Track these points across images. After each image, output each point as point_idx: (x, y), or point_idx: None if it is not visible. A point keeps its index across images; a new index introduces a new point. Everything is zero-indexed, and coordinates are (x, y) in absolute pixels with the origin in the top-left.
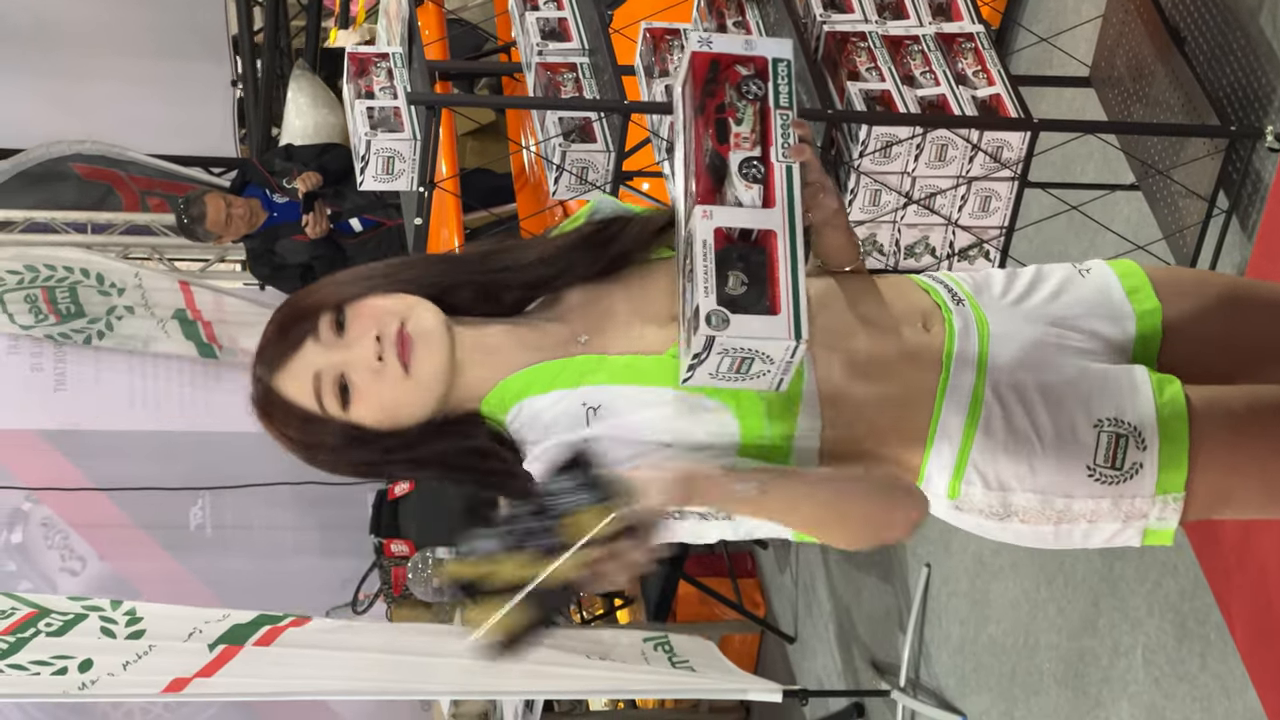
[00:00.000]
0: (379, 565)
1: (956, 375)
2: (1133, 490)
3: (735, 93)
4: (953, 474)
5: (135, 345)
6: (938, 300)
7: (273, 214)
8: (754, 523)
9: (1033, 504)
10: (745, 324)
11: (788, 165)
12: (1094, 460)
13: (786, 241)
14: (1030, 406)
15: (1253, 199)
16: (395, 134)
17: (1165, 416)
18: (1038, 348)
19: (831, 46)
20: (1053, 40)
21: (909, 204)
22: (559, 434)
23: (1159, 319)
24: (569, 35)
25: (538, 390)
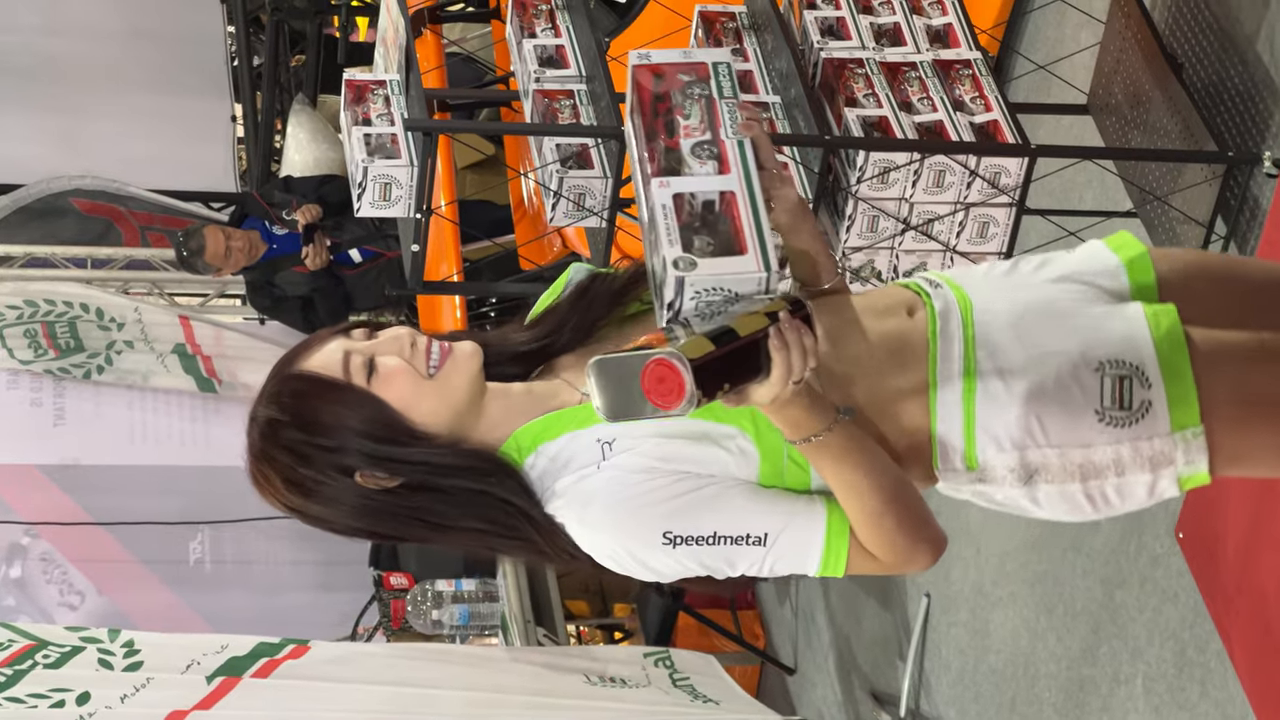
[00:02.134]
0: (378, 598)
1: (944, 347)
2: (1148, 430)
3: (680, 95)
4: (965, 442)
5: (135, 380)
6: (916, 289)
7: (272, 246)
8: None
9: (1051, 459)
10: (713, 264)
11: (739, 140)
12: (1101, 404)
13: (747, 201)
14: (1026, 363)
15: (1250, 225)
16: (392, 160)
17: (1164, 351)
18: (1025, 305)
19: (829, 73)
20: (1051, 68)
21: (907, 230)
22: (576, 469)
23: (1149, 268)
24: (566, 62)
25: (551, 436)
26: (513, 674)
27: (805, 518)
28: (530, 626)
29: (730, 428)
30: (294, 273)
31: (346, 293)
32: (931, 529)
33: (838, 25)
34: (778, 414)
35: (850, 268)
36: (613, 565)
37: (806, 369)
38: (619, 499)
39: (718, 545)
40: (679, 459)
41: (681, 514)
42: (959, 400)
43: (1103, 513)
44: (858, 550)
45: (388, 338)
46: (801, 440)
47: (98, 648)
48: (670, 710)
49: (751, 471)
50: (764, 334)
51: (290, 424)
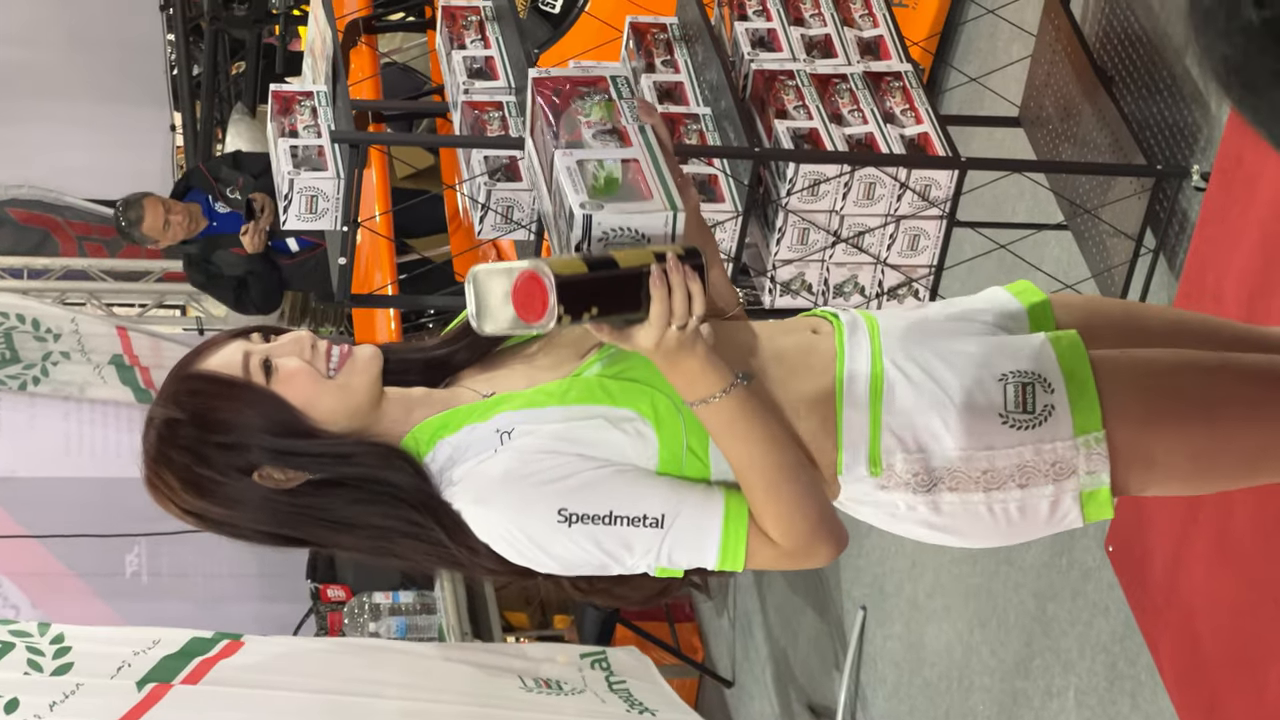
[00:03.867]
0: (315, 611)
1: (851, 356)
2: (1051, 433)
3: (580, 101)
4: (869, 445)
5: (71, 391)
6: (821, 314)
7: (212, 224)
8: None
9: (955, 464)
10: (619, 205)
11: (640, 126)
12: (1005, 408)
13: (649, 163)
14: (931, 370)
15: (1179, 238)
16: (318, 172)
17: (1066, 359)
18: (930, 327)
19: (759, 85)
20: (983, 80)
21: (837, 243)
22: (474, 455)
23: (1050, 313)
24: (495, 74)
25: (450, 430)
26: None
27: (703, 503)
28: (468, 639)
29: (629, 410)
30: (231, 253)
31: (281, 280)
32: (831, 519)
33: (769, 37)
34: (669, 367)
35: (780, 280)
36: (509, 550)
37: (690, 316)
38: (515, 476)
39: (613, 525)
40: (577, 441)
41: (577, 492)
42: (865, 405)
43: (1003, 530)
44: (757, 539)
45: (287, 340)
46: (697, 402)
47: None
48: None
49: (650, 458)
50: (645, 270)
51: (188, 422)
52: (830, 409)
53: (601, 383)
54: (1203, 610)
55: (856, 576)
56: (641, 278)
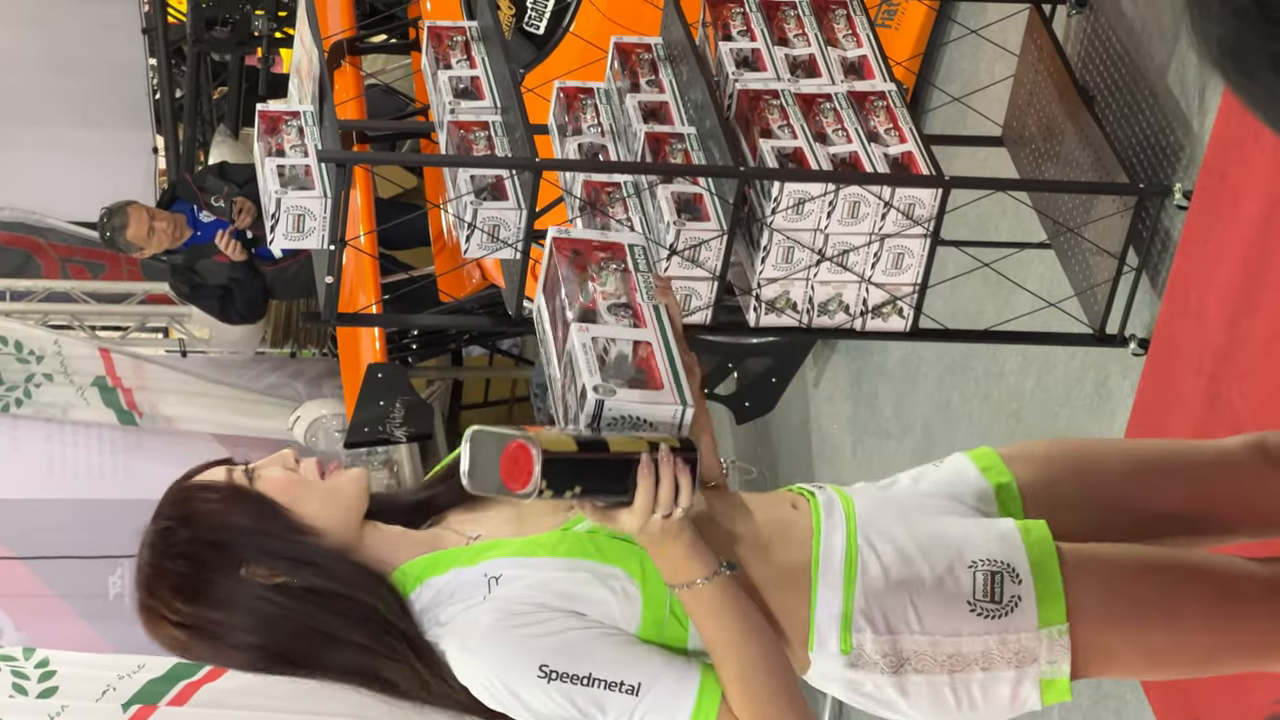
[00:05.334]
0: None
1: (827, 536)
2: (1016, 624)
3: (596, 268)
4: (841, 624)
5: (54, 413)
6: (799, 491)
7: (196, 232)
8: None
9: (923, 647)
10: (632, 394)
11: (654, 305)
12: (973, 596)
13: (662, 351)
14: (904, 553)
15: (1162, 256)
16: (305, 192)
17: (1034, 553)
18: (904, 509)
19: (744, 105)
20: (966, 100)
21: (822, 261)
22: (462, 600)
23: (1016, 490)
24: (481, 94)
25: (437, 572)
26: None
27: (679, 675)
28: None
29: (616, 569)
30: (215, 262)
31: (265, 285)
32: (801, 709)
33: (753, 57)
34: (654, 550)
35: (765, 299)
36: (487, 698)
37: (677, 508)
38: (501, 627)
39: (591, 688)
40: (564, 595)
41: (560, 650)
42: (839, 585)
43: (966, 715)
44: (727, 716)
45: (271, 457)
46: (680, 586)
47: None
48: None
49: (633, 618)
50: (636, 457)
51: (177, 527)
52: (806, 585)
53: (593, 539)
54: None
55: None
56: (632, 463)
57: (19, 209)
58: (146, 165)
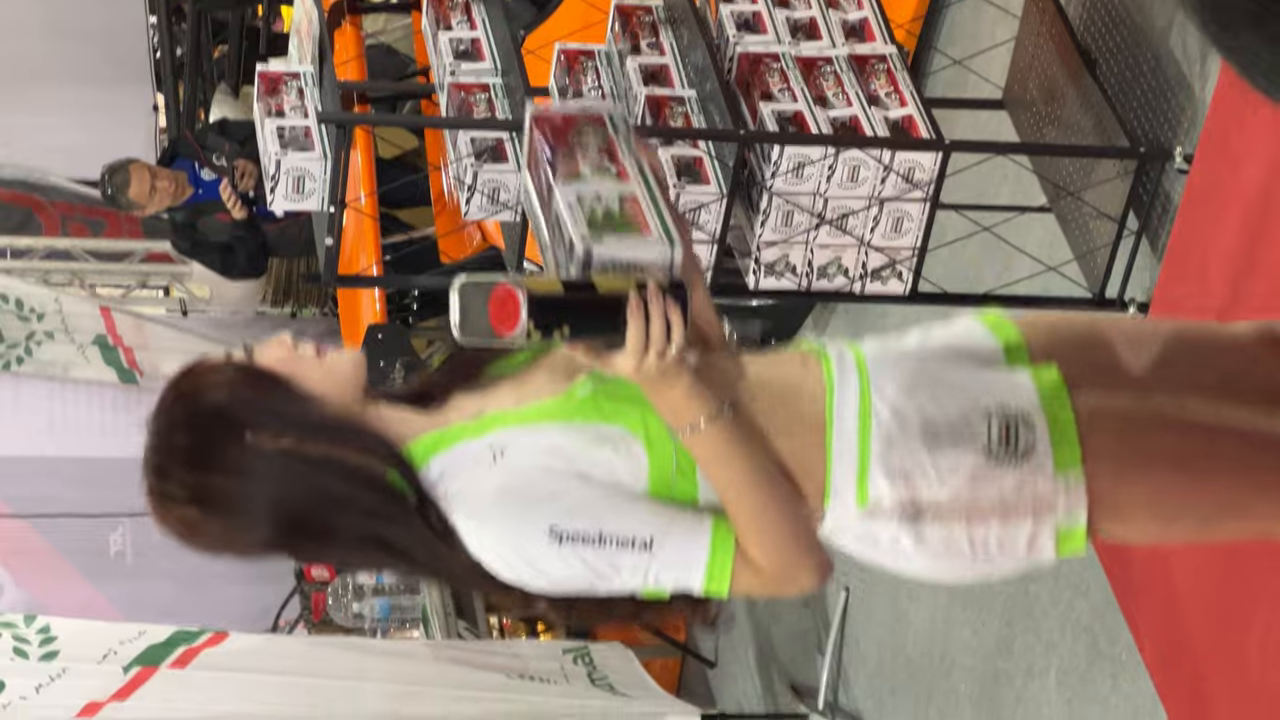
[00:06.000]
0: (299, 591)
1: (841, 389)
2: (1033, 470)
3: (577, 136)
4: (857, 476)
5: (55, 371)
6: (808, 348)
7: (198, 190)
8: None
9: (940, 495)
10: (619, 239)
11: (636, 160)
12: (989, 442)
13: (647, 199)
14: (918, 404)
15: (1162, 220)
16: (305, 153)
17: (1047, 397)
18: (916, 361)
19: (744, 68)
20: (967, 63)
21: (822, 224)
22: (469, 471)
23: (1025, 348)
24: (482, 55)
25: (445, 447)
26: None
27: (691, 527)
28: (451, 619)
29: (621, 428)
30: (216, 219)
31: (266, 245)
32: (816, 548)
33: (754, 20)
34: (653, 395)
35: (764, 262)
36: (500, 566)
37: (670, 346)
38: (509, 493)
39: (603, 546)
40: (571, 458)
41: (570, 511)
42: (854, 437)
43: (980, 565)
44: (743, 565)
45: (269, 340)
46: (682, 429)
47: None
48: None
49: (640, 477)
50: (624, 295)
51: (182, 403)
52: (819, 439)
53: (595, 400)
54: (1183, 591)
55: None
56: (620, 303)
57: (20, 167)
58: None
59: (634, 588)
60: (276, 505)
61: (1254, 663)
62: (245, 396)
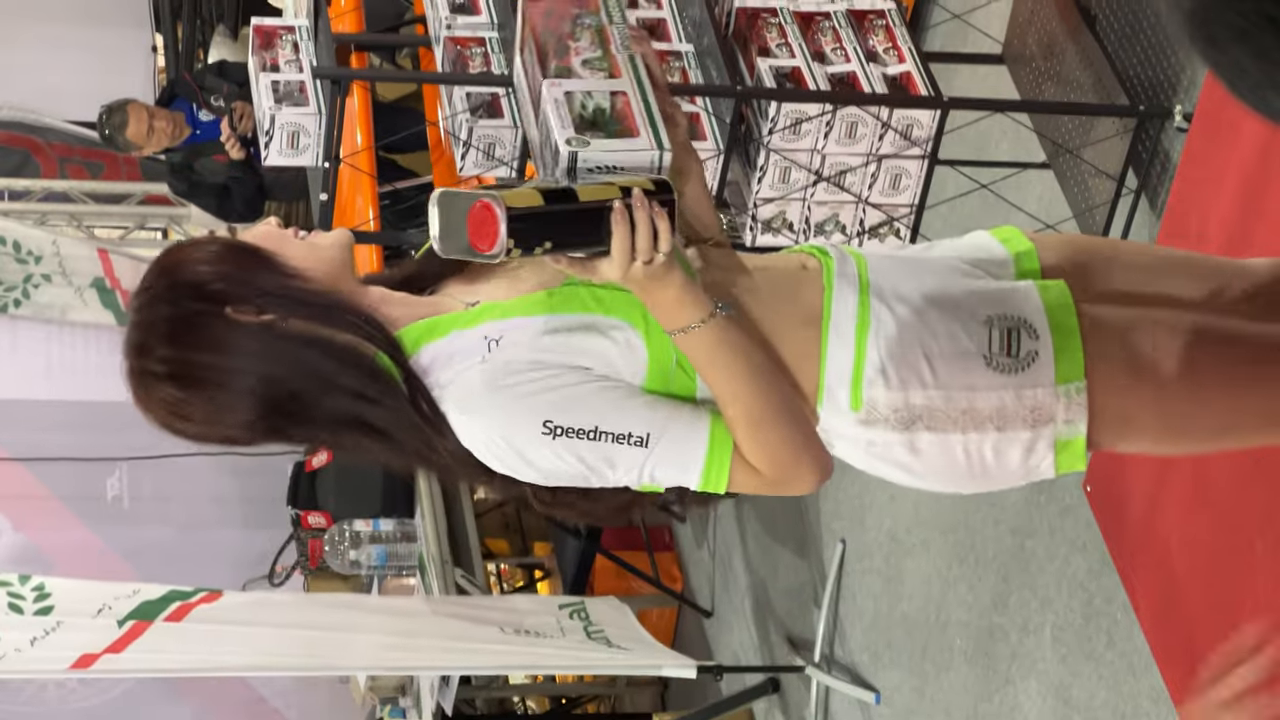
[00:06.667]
0: (296, 537)
1: (839, 290)
2: (1033, 379)
3: (570, 24)
4: (852, 378)
5: (53, 314)
6: (810, 250)
7: (196, 131)
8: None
9: (936, 402)
10: (606, 143)
11: (630, 55)
12: (989, 349)
13: (638, 98)
14: (918, 309)
15: (1161, 178)
16: (300, 108)
17: (1053, 309)
18: (918, 266)
19: (742, 23)
20: (966, 18)
21: (819, 181)
22: (460, 362)
23: (1036, 261)
24: (478, 9)
25: (437, 336)
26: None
27: (688, 424)
28: (448, 567)
29: (618, 320)
30: (214, 161)
31: (263, 187)
32: (816, 448)
33: None
34: (645, 297)
35: (761, 219)
36: (491, 459)
37: (657, 253)
38: (502, 385)
39: (598, 441)
40: (565, 349)
41: (564, 405)
42: (851, 338)
43: (976, 476)
44: (741, 464)
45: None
46: (676, 331)
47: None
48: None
49: (638, 370)
50: (608, 205)
51: (164, 279)
52: (815, 339)
53: (592, 291)
54: (1178, 551)
55: (836, 509)
56: (604, 212)
57: (17, 108)
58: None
59: (629, 483)
60: (258, 382)
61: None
62: (227, 270)
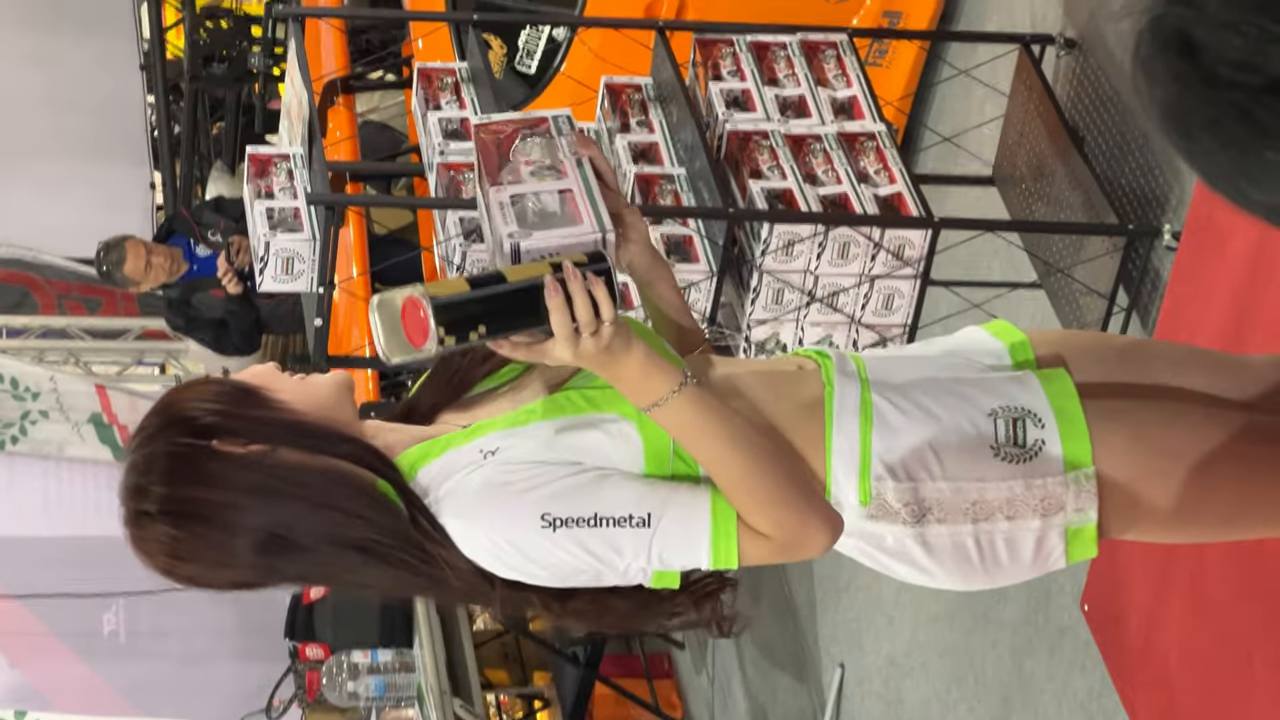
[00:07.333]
0: (294, 670)
1: (841, 388)
2: (1042, 468)
3: (521, 142)
4: (859, 474)
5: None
6: (806, 353)
7: (193, 267)
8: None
9: (946, 494)
10: (548, 232)
11: (577, 158)
12: (996, 440)
13: (583, 191)
14: (921, 404)
15: (1152, 296)
16: (294, 234)
17: (1056, 397)
18: (917, 363)
19: (734, 146)
20: (956, 140)
21: (812, 302)
22: (456, 479)
23: (1030, 350)
24: (470, 135)
25: (433, 457)
26: None
27: (689, 499)
28: (447, 698)
29: (610, 413)
30: (211, 295)
31: (259, 321)
32: (819, 504)
33: (743, 97)
34: (609, 376)
35: (755, 340)
36: (496, 564)
37: (602, 323)
38: (498, 485)
39: (599, 527)
40: (562, 448)
41: (560, 496)
42: (855, 432)
43: (990, 570)
44: (748, 534)
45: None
46: (648, 407)
47: None
48: None
49: (635, 460)
50: (538, 282)
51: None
52: (819, 433)
53: (582, 393)
54: (1178, 668)
55: (834, 633)
56: (536, 290)
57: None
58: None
59: (640, 571)
60: (250, 513)
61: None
62: (218, 407)
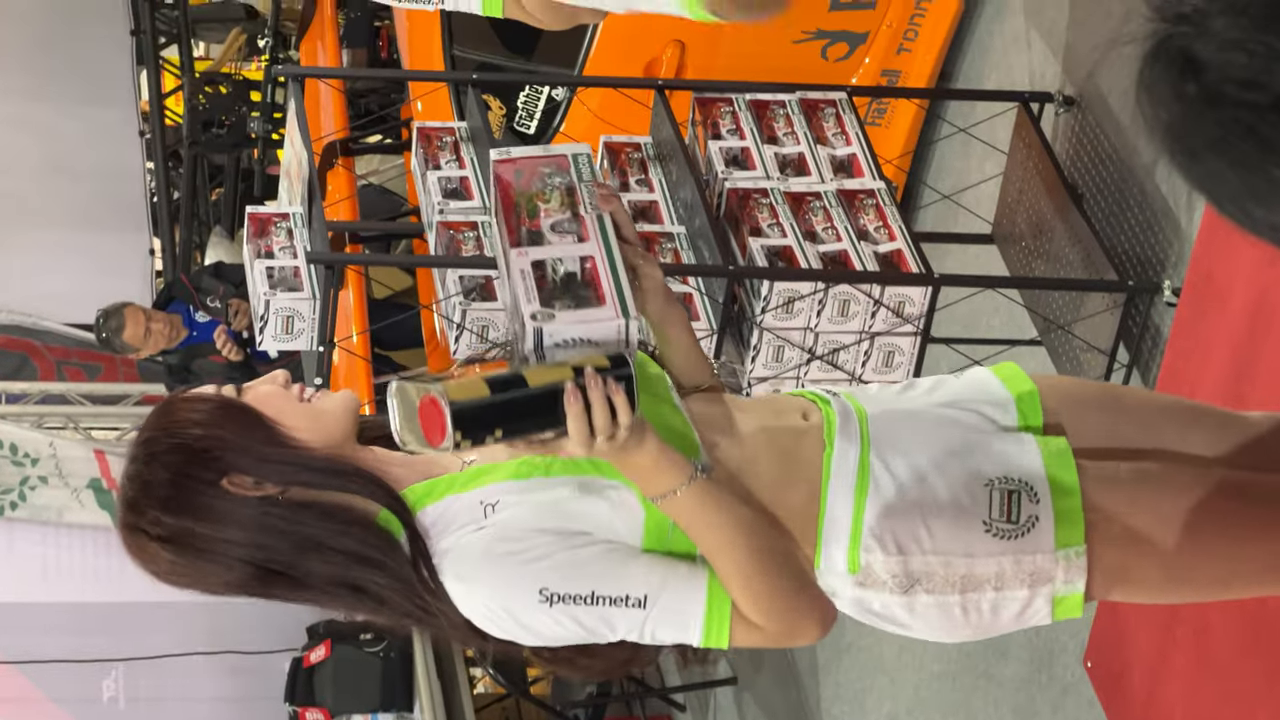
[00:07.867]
0: None
1: (840, 448)
2: (1032, 545)
3: (540, 183)
4: (849, 543)
5: (49, 516)
6: (812, 398)
7: (193, 333)
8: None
9: (934, 567)
10: (571, 315)
11: (598, 215)
12: (989, 515)
13: (605, 263)
14: (919, 470)
15: (1153, 352)
16: (294, 293)
17: (1054, 471)
18: (920, 421)
19: (734, 204)
20: (956, 198)
21: (812, 359)
22: (458, 529)
23: (1038, 402)
24: (470, 194)
25: (433, 499)
26: None
27: (686, 582)
28: None
29: (613, 480)
30: (211, 361)
31: None
32: (813, 598)
33: (742, 155)
34: (620, 466)
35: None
36: (491, 626)
37: (616, 427)
38: (498, 553)
39: (595, 605)
40: (561, 515)
41: (559, 571)
42: (850, 500)
43: (974, 627)
44: (742, 622)
45: (262, 379)
46: (656, 497)
47: None
48: None
49: (635, 529)
50: (559, 387)
51: (161, 436)
52: (815, 498)
53: None
54: None
55: (836, 693)
56: (557, 395)
57: (15, 311)
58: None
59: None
60: (252, 551)
61: None
62: (226, 437)
